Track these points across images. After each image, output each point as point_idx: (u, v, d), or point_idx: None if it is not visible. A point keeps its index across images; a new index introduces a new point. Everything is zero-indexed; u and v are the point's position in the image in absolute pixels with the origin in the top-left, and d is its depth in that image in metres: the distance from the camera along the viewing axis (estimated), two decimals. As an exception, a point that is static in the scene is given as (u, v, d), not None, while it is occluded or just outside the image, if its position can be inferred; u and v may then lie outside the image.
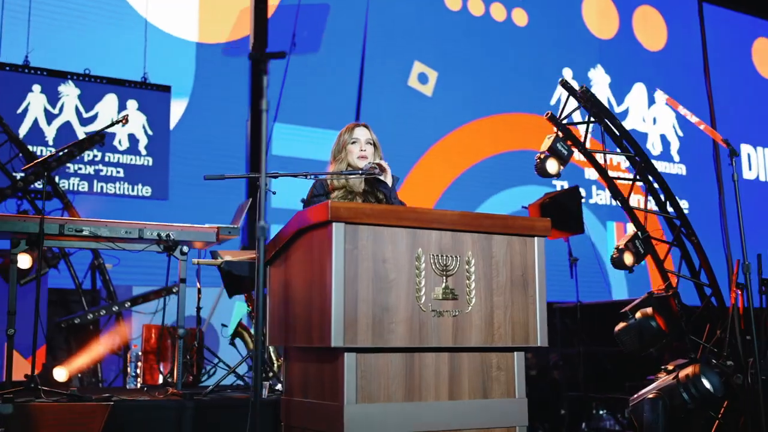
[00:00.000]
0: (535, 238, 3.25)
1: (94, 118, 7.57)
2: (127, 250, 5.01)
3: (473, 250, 3.12)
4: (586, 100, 4.55)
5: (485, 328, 3.10)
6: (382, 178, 3.65)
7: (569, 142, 4.65)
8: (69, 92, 7.51)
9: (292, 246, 3.22)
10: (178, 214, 8.09)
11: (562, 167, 4.65)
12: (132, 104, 7.75)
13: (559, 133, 4.65)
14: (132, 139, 7.72)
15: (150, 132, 7.82)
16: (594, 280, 9.55)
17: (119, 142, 7.69)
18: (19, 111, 7.29)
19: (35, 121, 7.33)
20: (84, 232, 4.71)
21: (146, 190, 7.75)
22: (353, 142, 3.77)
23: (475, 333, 3.07)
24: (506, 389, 3.18)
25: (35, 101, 7.36)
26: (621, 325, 4.68)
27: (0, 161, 6.69)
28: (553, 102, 11.82)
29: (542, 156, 4.59)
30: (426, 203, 10.51)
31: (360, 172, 3.61)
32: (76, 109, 7.54)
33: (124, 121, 5.04)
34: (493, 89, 10.84)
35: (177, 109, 8.23)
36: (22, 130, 7.24)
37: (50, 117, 7.42)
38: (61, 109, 7.46)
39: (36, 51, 7.49)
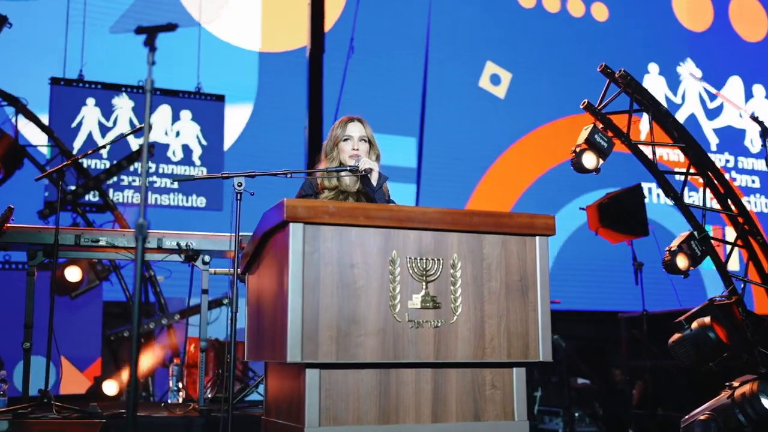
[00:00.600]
0: (537, 237, 2.85)
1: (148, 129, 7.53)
2: (149, 260, 4.87)
3: (460, 251, 2.75)
4: (626, 84, 4.08)
5: (474, 340, 2.72)
6: (369, 176, 3.32)
7: (610, 133, 4.18)
8: (123, 105, 7.52)
9: (263, 251, 2.93)
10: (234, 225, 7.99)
11: (602, 161, 4.19)
12: (185, 114, 7.69)
13: (598, 124, 4.19)
14: (186, 149, 7.65)
15: (204, 142, 7.74)
16: (683, 287, 8.88)
17: (173, 153, 7.64)
18: (74, 125, 7.34)
19: (89, 135, 7.36)
20: (100, 242, 4.58)
21: (200, 201, 7.67)
22: (345, 139, 3.46)
23: (462, 346, 2.70)
24: (502, 410, 2.78)
25: (90, 114, 7.40)
26: (675, 336, 4.17)
27: (51, 175, 6.72)
28: (637, 99, 11.15)
29: (578, 149, 4.14)
30: (502, 210, 10.08)
31: (347, 168, 3.29)
32: (130, 121, 7.54)
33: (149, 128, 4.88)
34: (571, 89, 10.30)
35: (241, 119, 8.14)
36: (77, 144, 7.28)
37: (104, 130, 7.44)
38: (115, 122, 7.47)
39: (90, 64, 7.54)
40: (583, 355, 8.43)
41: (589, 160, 4.12)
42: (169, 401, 5.89)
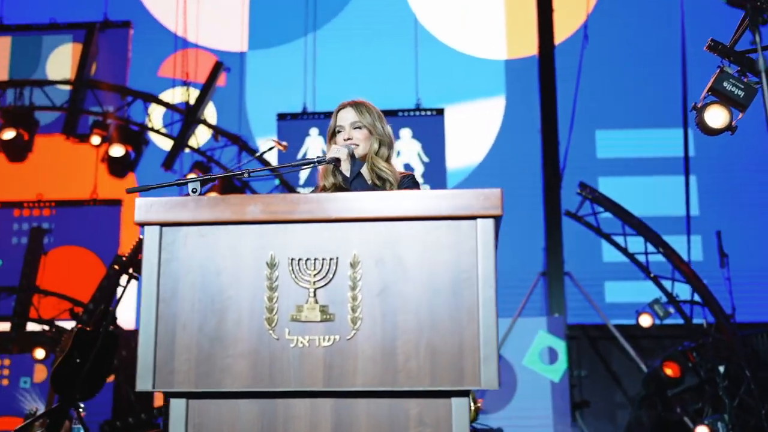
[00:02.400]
0: (477, 220, 2.11)
1: (368, 152, 7.49)
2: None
3: (362, 247, 2.14)
4: (759, 8, 2.94)
5: (382, 361, 2.08)
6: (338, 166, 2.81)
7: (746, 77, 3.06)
8: (343, 130, 7.56)
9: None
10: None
11: (741, 113, 3.07)
12: (405, 132, 7.51)
13: (727, 68, 3.10)
14: (407, 168, 7.45)
15: (425, 159, 7.48)
16: None
17: (394, 173, 7.49)
18: (299, 156, 7.56)
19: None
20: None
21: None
22: (339, 131, 3.00)
23: (365, 370, 2.08)
24: (433, 455, 2.08)
25: (313, 145, 7.58)
26: None
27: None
28: None
29: (699, 105, 3.09)
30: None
31: (314, 161, 2.81)
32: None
33: (284, 148, 4.79)
34: None
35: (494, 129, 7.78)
36: (303, 174, 7.48)
37: (327, 158, 7.54)
38: (337, 149, 7.53)
39: (310, 96, 7.74)
40: None
41: (717, 116, 3.05)
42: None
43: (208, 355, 2.11)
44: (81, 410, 4.53)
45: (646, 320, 6.85)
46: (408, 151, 7.43)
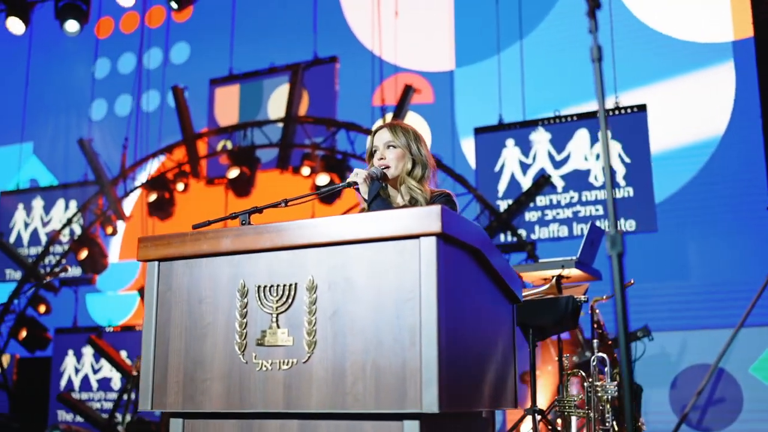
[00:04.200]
0: (420, 239, 2.08)
1: (567, 159, 7.24)
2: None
3: (318, 271, 2.19)
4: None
5: (333, 383, 2.12)
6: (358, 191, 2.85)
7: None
8: (540, 139, 7.39)
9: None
10: (669, 247, 6.99)
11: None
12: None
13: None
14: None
15: (627, 160, 7.04)
16: None
17: (595, 177, 7.15)
18: (497, 169, 7.50)
19: (512, 176, 7.41)
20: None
21: (630, 224, 6.96)
22: (375, 151, 3.05)
23: (318, 392, 2.13)
24: (386, 479, 2.07)
25: (510, 156, 7.47)
26: None
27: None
28: None
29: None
30: None
31: (338, 187, 2.88)
32: (548, 153, 7.34)
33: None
34: None
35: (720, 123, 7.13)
36: (501, 187, 7.41)
37: (525, 167, 7.41)
38: (534, 158, 7.37)
39: (507, 107, 7.64)
40: None
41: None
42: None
43: (192, 379, 2.29)
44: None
45: None
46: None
